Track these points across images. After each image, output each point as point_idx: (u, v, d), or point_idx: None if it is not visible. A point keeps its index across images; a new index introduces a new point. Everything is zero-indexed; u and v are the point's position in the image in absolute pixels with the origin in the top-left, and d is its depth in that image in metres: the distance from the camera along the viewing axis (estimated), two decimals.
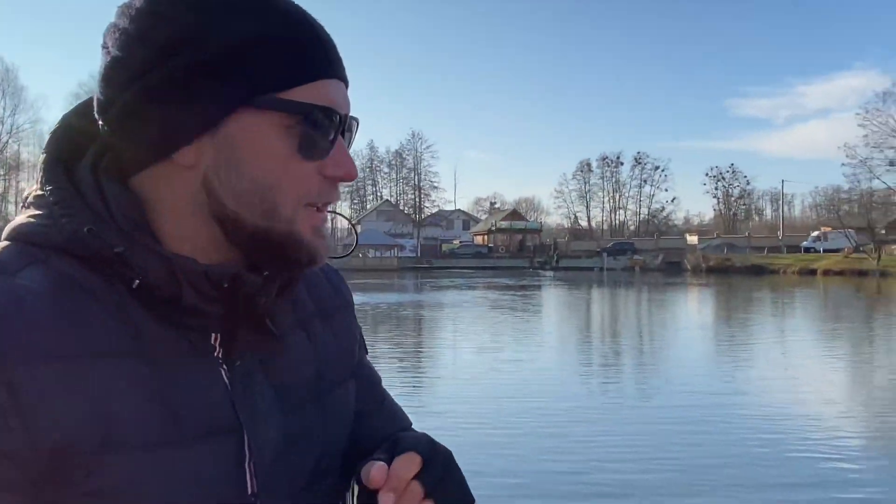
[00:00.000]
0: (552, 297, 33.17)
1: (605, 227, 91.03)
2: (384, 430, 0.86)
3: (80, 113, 0.75)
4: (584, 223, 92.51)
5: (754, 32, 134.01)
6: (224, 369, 0.71)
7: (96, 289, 0.66)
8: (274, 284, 0.73)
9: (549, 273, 56.31)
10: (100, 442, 0.62)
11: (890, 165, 48.66)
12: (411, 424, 0.93)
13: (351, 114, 0.74)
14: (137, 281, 0.66)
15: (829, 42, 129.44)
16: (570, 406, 8.80)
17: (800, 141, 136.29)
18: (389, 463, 0.70)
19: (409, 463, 0.70)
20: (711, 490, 5.74)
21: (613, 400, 9.44)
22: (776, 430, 7.72)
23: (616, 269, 59.46)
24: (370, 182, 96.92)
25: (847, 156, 52.50)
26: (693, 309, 27.52)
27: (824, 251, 56.14)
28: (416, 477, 0.70)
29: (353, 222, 1.07)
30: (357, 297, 1.00)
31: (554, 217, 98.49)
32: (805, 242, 61.31)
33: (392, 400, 0.95)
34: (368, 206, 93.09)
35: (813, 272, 49.92)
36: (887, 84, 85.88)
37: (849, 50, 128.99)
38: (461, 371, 11.61)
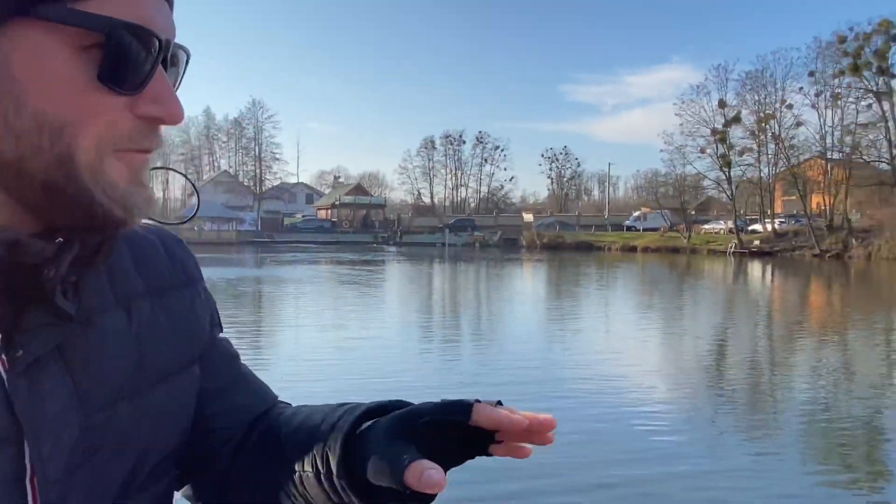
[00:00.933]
0: (396, 272, 33.53)
1: (448, 203, 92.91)
2: (247, 406, 0.78)
3: None
4: (427, 199, 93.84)
5: (587, 22, 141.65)
6: (2, 361, 0.56)
7: None
8: (69, 253, 0.57)
9: (393, 248, 56.77)
10: None
11: (701, 153, 53.71)
12: (277, 398, 0.83)
13: (178, 42, 0.59)
14: None
15: (652, 36, 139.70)
16: (415, 385, 8.83)
17: (625, 127, 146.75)
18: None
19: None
20: (555, 470, 5.74)
21: (456, 378, 9.57)
22: (613, 402, 8.14)
23: (457, 245, 61.16)
24: (207, 151, 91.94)
25: (665, 142, 57.59)
26: (529, 283, 28.98)
27: (644, 230, 61.27)
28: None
29: (192, 180, 0.86)
30: None
31: (398, 193, 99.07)
32: (627, 221, 66.39)
33: (254, 375, 0.84)
34: (205, 177, 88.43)
35: (634, 249, 54.54)
36: (700, 78, 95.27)
37: (668, 44, 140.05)
38: (303, 351, 11.41)
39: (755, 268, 38.40)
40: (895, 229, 42.78)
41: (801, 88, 49.29)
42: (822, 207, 49.38)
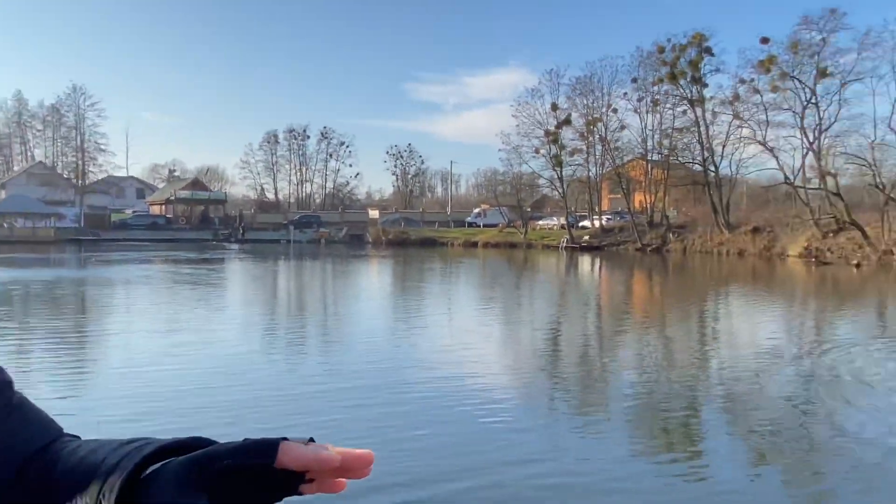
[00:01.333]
0: (237, 271, 32.22)
1: (293, 199, 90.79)
2: (19, 442, 0.67)
3: None
4: (270, 195, 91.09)
5: (428, 22, 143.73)
6: None
7: None
8: None
9: (235, 246, 54.55)
10: None
11: (535, 153, 56.36)
12: (61, 431, 0.72)
13: None
14: None
15: (490, 39, 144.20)
16: (256, 393, 8.46)
17: (466, 126, 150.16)
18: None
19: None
20: (406, 477, 5.64)
21: (303, 382, 9.27)
22: (459, 399, 8.23)
23: (302, 242, 59.97)
24: (18, 139, 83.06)
25: (503, 142, 59.70)
26: (375, 280, 29.00)
27: (484, 226, 63.40)
28: None
29: None
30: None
31: (240, 188, 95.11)
32: (469, 218, 68.36)
33: (31, 405, 0.73)
34: (16, 168, 79.86)
35: (475, 244, 56.35)
36: (535, 82, 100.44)
37: (505, 48, 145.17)
38: (130, 360, 10.49)
39: (585, 261, 41.03)
40: (707, 225, 47.50)
41: (625, 94, 53.12)
42: (644, 205, 53.66)
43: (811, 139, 42.22)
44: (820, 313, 18.44)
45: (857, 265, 34.84)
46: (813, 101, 41.97)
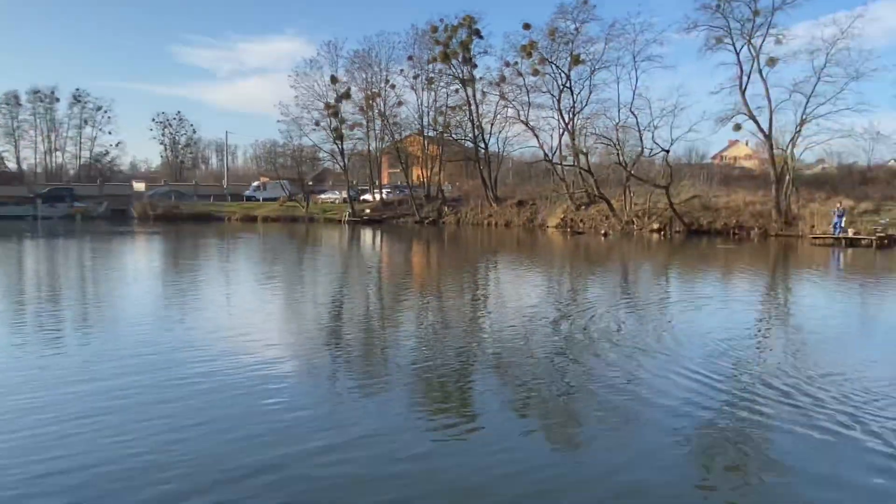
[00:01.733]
0: None
1: (40, 170, 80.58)
2: None
3: None
4: (12, 165, 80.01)
5: None
6: None
7: None
8: None
9: None
10: None
11: (315, 125, 55.54)
12: None
13: None
14: None
15: (265, 5, 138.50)
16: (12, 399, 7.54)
17: (242, 95, 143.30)
18: None
19: None
20: (185, 469, 5.57)
21: (56, 382, 8.36)
22: (240, 383, 8.04)
23: (53, 218, 53.79)
24: None
25: (282, 114, 57.95)
26: (142, 259, 26.84)
27: (264, 200, 61.45)
28: None
29: None
30: None
31: None
32: (247, 191, 65.79)
33: None
34: None
35: (254, 219, 54.58)
36: (314, 53, 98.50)
37: (281, 16, 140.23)
38: None
39: (367, 234, 41.59)
40: (478, 199, 50.45)
41: (402, 71, 53.98)
42: (422, 179, 55.45)
43: (566, 120, 46.34)
44: (575, 278, 20.55)
45: (605, 234, 39.30)
46: (568, 85, 45.99)
